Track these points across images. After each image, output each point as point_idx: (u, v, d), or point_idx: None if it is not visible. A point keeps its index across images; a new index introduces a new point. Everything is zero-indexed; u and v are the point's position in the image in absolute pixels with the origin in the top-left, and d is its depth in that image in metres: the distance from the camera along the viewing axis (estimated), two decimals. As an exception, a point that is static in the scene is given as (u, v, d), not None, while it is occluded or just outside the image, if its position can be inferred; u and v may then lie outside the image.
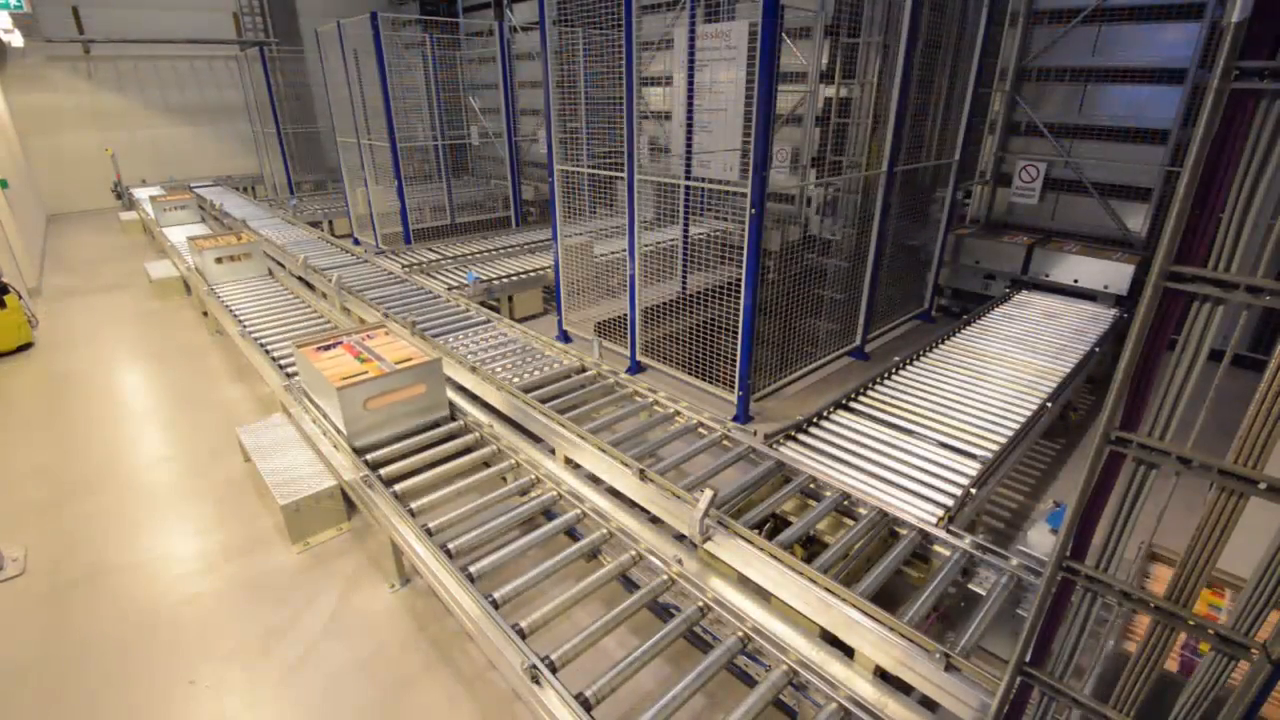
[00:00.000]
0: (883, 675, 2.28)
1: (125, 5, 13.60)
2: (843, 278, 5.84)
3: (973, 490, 3.10)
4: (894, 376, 4.46)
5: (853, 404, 4.08)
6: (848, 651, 2.36)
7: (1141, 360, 1.33)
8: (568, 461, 3.66)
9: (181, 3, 14.20)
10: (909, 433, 3.71)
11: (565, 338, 6.38)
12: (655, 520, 3.12)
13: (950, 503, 3.05)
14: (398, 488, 3.37)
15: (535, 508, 3.30)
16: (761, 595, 2.64)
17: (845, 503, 3.13)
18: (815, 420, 3.86)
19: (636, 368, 5.72)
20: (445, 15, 13.55)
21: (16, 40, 11.36)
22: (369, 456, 3.66)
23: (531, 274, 7.25)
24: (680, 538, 2.97)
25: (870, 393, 4.21)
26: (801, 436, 3.73)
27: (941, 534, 2.84)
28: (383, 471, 3.52)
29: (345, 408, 3.59)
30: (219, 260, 6.85)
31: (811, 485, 3.28)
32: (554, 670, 2.30)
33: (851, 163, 6.07)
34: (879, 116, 5.54)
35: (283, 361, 4.84)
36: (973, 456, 3.43)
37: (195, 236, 7.28)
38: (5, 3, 10.07)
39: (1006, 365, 4.57)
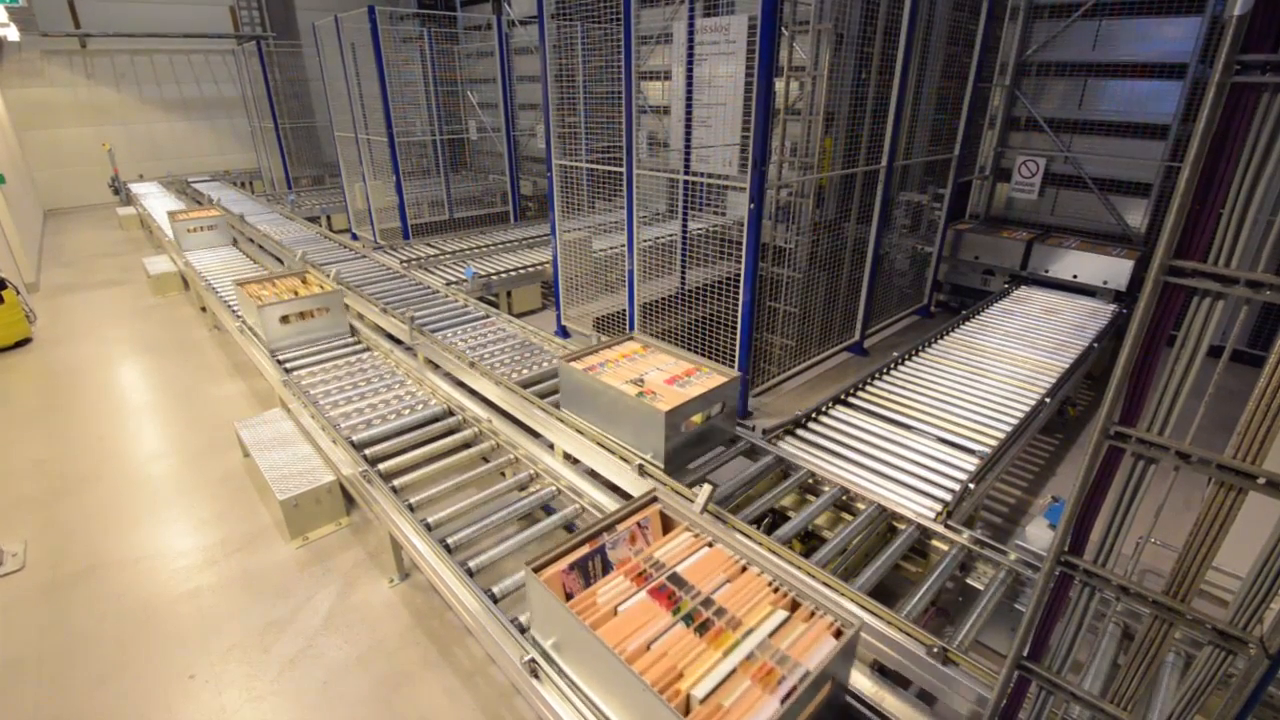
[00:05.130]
0: (880, 669, 2.28)
1: (122, -1, 13.54)
2: (796, 290, 5.35)
3: (971, 485, 3.10)
4: (893, 372, 4.46)
5: (851, 399, 4.08)
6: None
7: (1141, 355, 1.33)
8: (566, 456, 3.66)
9: (178, -4, 14.14)
10: (908, 428, 3.71)
11: (564, 333, 6.38)
12: (654, 515, 3.12)
13: (949, 498, 3.05)
14: (396, 483, 3.37)
15: (534, 502, 3.30)
16: (760, 590, 2.63)
17: (844, 497, 3.14)
18: (814, 415, 3.87)
19: (635, 363, 5.71)
20: (443, 9, 13.48)
21: (12, 34, 11.29)
22: (368, 451, 3.48)
23: (530, 269, 7.24)
24: (679, 533, 2.97)
25: (869, 388, 4.21)
26: (800, 431, 3.74)
27: (940, 529, 2.84)
28: (381, 467, 3.52)
29: None
30: (285, 319, 4.91)
31: (810, 480, 3.28)
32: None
33: (803, 163, 5.50)
34: (831, 113, 5.25)
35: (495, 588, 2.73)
36: (971, 452, 3.44)
37: (247, 280, 5.33)
38: (1, -4, 10.01)
39: (1005, 361, 4.58)
